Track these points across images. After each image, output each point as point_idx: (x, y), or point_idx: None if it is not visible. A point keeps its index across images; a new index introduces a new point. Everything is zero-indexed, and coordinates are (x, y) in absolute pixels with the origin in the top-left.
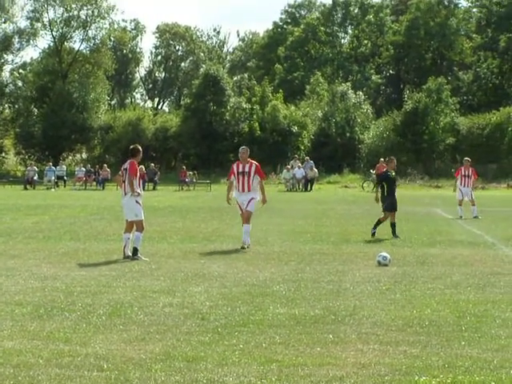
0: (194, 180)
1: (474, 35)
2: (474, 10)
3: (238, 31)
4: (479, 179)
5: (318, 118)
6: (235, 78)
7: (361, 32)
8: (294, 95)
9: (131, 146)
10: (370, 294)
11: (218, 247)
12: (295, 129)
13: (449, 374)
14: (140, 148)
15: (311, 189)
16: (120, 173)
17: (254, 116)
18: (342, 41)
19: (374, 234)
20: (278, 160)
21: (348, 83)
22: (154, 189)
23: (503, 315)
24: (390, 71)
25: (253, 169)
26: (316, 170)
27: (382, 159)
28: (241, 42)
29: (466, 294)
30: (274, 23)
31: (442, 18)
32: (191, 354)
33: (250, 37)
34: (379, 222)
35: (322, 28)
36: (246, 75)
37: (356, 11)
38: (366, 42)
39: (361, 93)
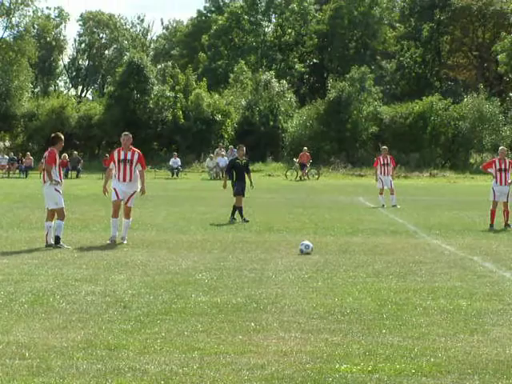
0: None
1: (397, 24)
2: None
3: (161, 19)
4: (402, 168)
5: (241, 106)
6: (159, 66)
7: (284, 21)
8: (217, 84)
9: (52, 134)
10: (292, 283)
11: (141, 235)
12: (219, 117)
13: (370, 361)
14: (61, 136)
15: None
16: (42, 161)
17: (178, 104)
18: (266, 29)
19: (233, 220)
20: (202, 148)
21: (272, 72)
22: (77, 177)
23: (424, 303)
24: (314, 60)
25: (135, 157)
26: None
27: (305, 148)
28: (165, 31)
29: (387, 282)
30: (198, 11)
31: (366, 7)
32: (113, 342)
33: (174, 25)
34: (235, 208)
35: (246, 16)
36: (169, 63)
37: (280, 0)
38: (289, 30)
39: (284, 81)
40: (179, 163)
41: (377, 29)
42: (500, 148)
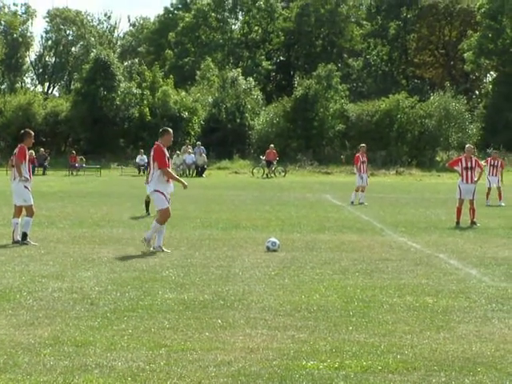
0: (84, 165)
1: (364, 22)
2: None
3: (128, 16)
4: (368, 165)
5: (208, 103)
6: (126, 63)
7: (251, 18)
8: (184, 81)
9: (21, 131)
10: (258, 280)
11: (108, 232)
12: (186, 114)
13: (336, 358)
14: (30, 132)
15: (202, 174)
16: (12, 157)
17: (145, 101)
18: (233, 27)
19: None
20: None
21: (238, 69)
22: (43, 174)
23: (390, 300)
24: (281, 57)
25: None
26: (205, 156)
27: (272, 145)
28: (131, 27)
29: (353, 279)
30: (165, 8)
31: (333, 4)
32: (80, 338)
33: (141, 22)
34: (148, 203)
35: (213, 14)
36: (136, 60)
37: None
38: (256, 28)
39: (251, 79)
40: (146, 160)
41: (343, 27)
42: (466, 146)
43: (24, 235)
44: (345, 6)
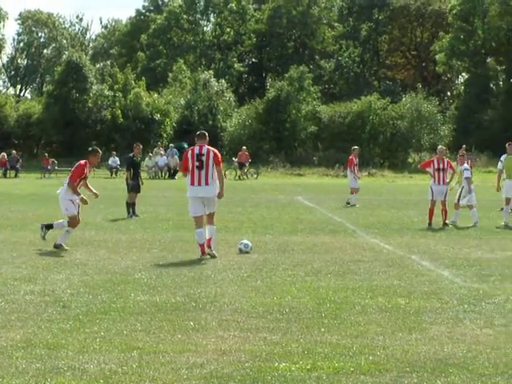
0: (56, 167)
1: (335, 24)
2: None
3: (100, 18)
4: (341, 167)
5: (180, 105)
6: (98, 66)
7: (223, 20)
8: (156, 83)
9: (89, 148)
10: (231, 281)
11: (80, 235)
12: (158, 116)
13: (308, 360)
14: (98, 151)
15: (174, 177)
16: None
17: (117, 103)
18: (205, 28)
19: (132, 216)
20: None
21: (211, 71)
22: (15, 176)
23: (363, 302)
24: (253, 59)
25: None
26: (177, 158)
27: (244, 147)
28: (103, 30)
29: (326, 280)
30: (137, 11)
31: (304, 6)
32: (52, 341)
33: (113, 24)
34: (131, 205)
35: (185, 16)
36: (108, 62)
37: None
38: (228, 30)
39: (223, 81)
40: (118, 162)
41: (315, 28)
42: (438, 147)
43: (50, 226)
44: (316, 7)
